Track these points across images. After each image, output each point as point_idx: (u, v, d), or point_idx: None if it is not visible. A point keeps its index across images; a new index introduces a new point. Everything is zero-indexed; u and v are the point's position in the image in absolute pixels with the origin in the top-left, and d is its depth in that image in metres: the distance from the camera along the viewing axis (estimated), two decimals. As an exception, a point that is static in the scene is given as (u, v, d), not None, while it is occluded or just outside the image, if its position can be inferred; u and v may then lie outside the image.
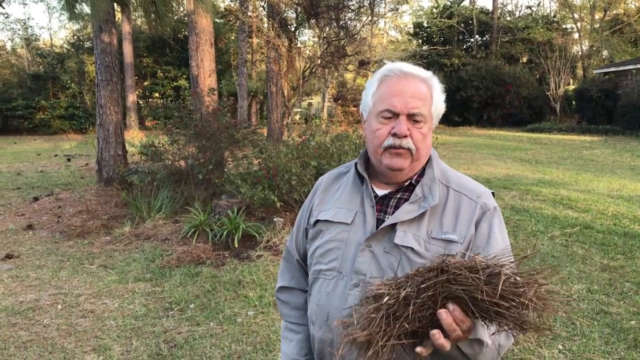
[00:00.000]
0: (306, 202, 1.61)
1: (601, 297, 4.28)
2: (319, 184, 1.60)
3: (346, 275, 1.35)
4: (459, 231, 1.32)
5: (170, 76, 25.41)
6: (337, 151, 6.25)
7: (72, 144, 19.05)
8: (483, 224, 1.34)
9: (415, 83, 1.36)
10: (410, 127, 1.34)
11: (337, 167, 1.66)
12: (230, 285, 4.72)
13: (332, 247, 1.41)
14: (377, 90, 1.40)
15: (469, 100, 24.90)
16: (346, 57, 12.22)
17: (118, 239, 6.24)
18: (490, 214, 1.36)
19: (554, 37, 25.91)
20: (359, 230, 1.38)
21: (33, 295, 4.56)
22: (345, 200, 1.45)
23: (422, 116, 1.35)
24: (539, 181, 9.48)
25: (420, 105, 1.34)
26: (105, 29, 8.78)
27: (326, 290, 1.38)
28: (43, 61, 27.46)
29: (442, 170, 1.44)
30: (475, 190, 1.40)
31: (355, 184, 1.47)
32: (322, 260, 1.43)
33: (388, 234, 1.33)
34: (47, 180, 10.73)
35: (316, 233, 1.47)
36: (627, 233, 5.98)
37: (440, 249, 1.29)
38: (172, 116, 7.91)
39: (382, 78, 1.40)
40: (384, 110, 1.35)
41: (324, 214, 1.47)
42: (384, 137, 1.35)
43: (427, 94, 1.37)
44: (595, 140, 17.40)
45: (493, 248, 1.30)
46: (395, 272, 1.30)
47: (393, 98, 1.34)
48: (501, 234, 1.36)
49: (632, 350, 3.43)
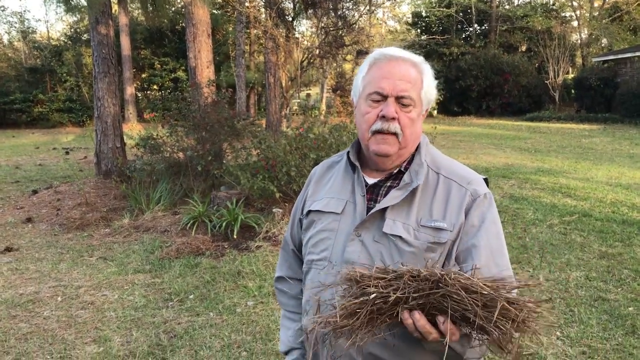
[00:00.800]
0: (301, 193, 1.61)
1: (599, 284, 4.30)
2: (312, 173, 1.60)
3: (336, 265, 1.35)
4: (448, 218, 1.30)
5: (168, 68, 25.28)
6: (335, 141, 6.25)
7: (70, 137, 19.02)
8: (474, 213, 1.32)
9: (405, 66, 1.35)
10: (398, 111, 1.32)
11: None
12: (230, 275, 4.73)
13: (324, 237, 1.41)
14: (367, 74, 1.39)
15: (468, 90, 24.85)
16: (344, 47, 12.17)
17: (117, 231, 6.25)
18: (481, 201, 1.33)
19: (552, 25, 25.79)
20: (349, 219, 1.37)
21: (33, 288, 4.58)
22: (337, 190, 1.45)
23: (411, 99, 1.33)
24: (537, 170, 9.49)
25: (409, 88, 1.32)
26: (102, 20, 8.74)
27: (318, 281, 1.39)
28: (40, 54, 27.32)
29: (432, 156, 1.42)
30: (466, 176, 1.38)
31: (347, 173, 1.46)
32: (314, 250, 1.43)
33: (377, 222, 1.33)
34: (45, 174, 10.72)
35: (309, 223, 1.48)
36: (626, 220, 5.99)
37: (429, 237, 1.28)
38: (170, 108, 7.89)
39: (372, 62, 1.39)
40: (372, 92, 1.34)
41: (316, 204, 1.47)
42: (372, 120, 1.34)
43: (417, 77, 1.35)
44: (594, 129, 17.38)
45: (483, 240, 1.28)
46: (383, 261, 1.29)
47: (382, 80, 1.33)
48: (494, 225, 1.33)
49: (630, 336, 3.44)
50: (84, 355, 3.40)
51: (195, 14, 8.39)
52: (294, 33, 12.28)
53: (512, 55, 26.03)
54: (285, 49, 11.63)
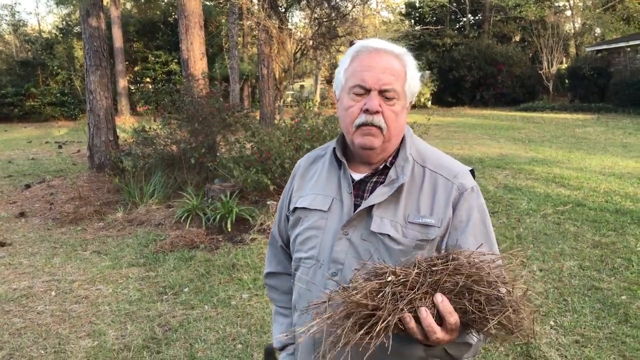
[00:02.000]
0: (286, 187, 1.58)
1: (592, 273, 4.32)
2: (297, 167, 1.57)
3: (324, 264, 1.33)
4: (436, 214, 1.28)
5: (161, 61, 25.12)
6: (330, 133, 6.23)
7: (63, 131, 18.91)
8: (461, 207, 1.30)
9: (388, 58, 1.31)
10: (382, 104, 1.29)
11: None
12: (225, 268, 4.73)
13: (310, 235, 1.39)
14: (349, 66, 1.35)
15: (462, 81, 24.81)
16: (337, 38, 12.12)
17: (111, 224, 6.23)
18: (468, 194, 1.31)
19: (546, 15, 25.75)
20: (336, 217, 1.35)
21: (26, 282, 4.56)
22: (322, 186, 1.42)
23: (395, 92, 1.30)
24: (531, 160, 9.51)
25: (392, 80, 1.29)
26: (93, 13, 8.67)
27: (306, 279, 1.38)
28: (31, 47, 27.08)
29: (417, 149, 1.39)
30: (452, 169, 1.35)
31: (332, 168, 1.43)
32: (302, 248, 1.41)
33: (364, 220, 1.31)
34: (38, 168, 10.66)
35: (296, 220, 1.45)
36: (619, 210, 6.02)
37: (417, 234, 1.27)
38: (163, 100, 7.84)
39: (354, 54, 1.35)
40: (355, 85, 1.31)
41: (302, 200, 1.44)
42: (355, 114, 1.31)
43: (400, 70, 1.32)
44: (588, 119, 17.42)
45: (470, 235, 1.28)
46: (372, 259, 1.26)
47: (364, 73, 1.30)
48: (482, 219, 1.32)
49: (623, 325, 3.47)
50: (78, 349, 3.40)
51: (187, 6, 8.33)
52: (287, 24, 12.22)
53: (505, 45, 25.97)
54: (279, 40, 11.58)
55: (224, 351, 3.32)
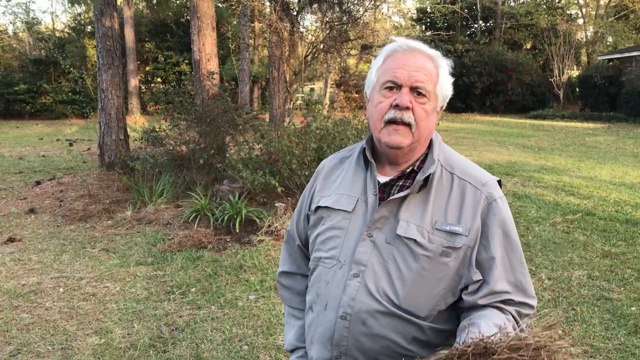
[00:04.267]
0: (308, 187, 1.57)
1: (602, 284, 4.29)
2: (320, 168, 1.56)
3: (345, 265, 1.32)
4: (463, 223, 1.28)
5: (172, 61, 25.26)
6: (339, 135, 6.23)
7: (74, 129, 19.03)
8: (490, 221, 1.29)
9: (422, 58, 1.32)
10: (412, 101, 1.29)
11: (337, 151, 1.62)
12: (232, 269, 4.73)
13: (333, 234, 1.37)
14: (382, 65, 1.35)
15: (472, 87, 24.75)
16: (349, 41, 12.12)
17: (120, 223, 6.25)
18: (496, 205, 1.31)
19: (558, 22, 25.65)
20: (360, 218, 1.34)
21: (35, 279, 4.58)
22: (347, 187, 1.41)
23: (426, 91, 1.30)
24: (541, 168, 9.46)
25: (424, 79, 1.29)
26: (107, 12, 8.73)
27: (325, 279, 1.36)
28: (45, 45, 27.31)
29: (445, 155, 1.38)
30: (480, 178, 1.34)
31: (358, 169, 1.42)
32: (322, 248, 1.40)
33: (390, 224, 1.30)
34: (49, 165, 10.73)
35: (317, 220, 1.44)
36: (629, 220, 5.97)
37: (444, 241, 1.26)
38: (173, 101, 7.88)
39: (388, 53, 1.36)
40: (386, 81, 1.31)
41: (325, 200, 1.43)
42: (385, 109, 1.30)
43: (433, 71, 1.33)
44: (599, 127, 17.32)
45: (499, 248, 1.28)
46: (396, 263, 1.27)
47: (397, 70, 1.30)
48: (510, 230, 1.31)
49: (632, 336, 3.43)
50: (85, 346, 3.41)
51: (199, 7, 8.37)
52: (298, 27, 12.23)
53: (516, 52, 25.91)
54: (290, 43, 11.59)
55: (230, 352, 3.32)
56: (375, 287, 1.27)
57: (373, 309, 1.26)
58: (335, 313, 1.31)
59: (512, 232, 1.32)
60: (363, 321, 1.26)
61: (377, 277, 1.27)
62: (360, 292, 1.28)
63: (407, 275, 1.26)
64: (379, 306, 1.26)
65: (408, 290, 1.25)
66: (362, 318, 1.27)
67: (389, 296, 1.26)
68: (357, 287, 1.28)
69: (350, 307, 1.28)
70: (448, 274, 1.26)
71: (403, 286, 1.26)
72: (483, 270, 1.27)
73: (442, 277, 1.26)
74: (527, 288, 1.30)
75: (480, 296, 1.25)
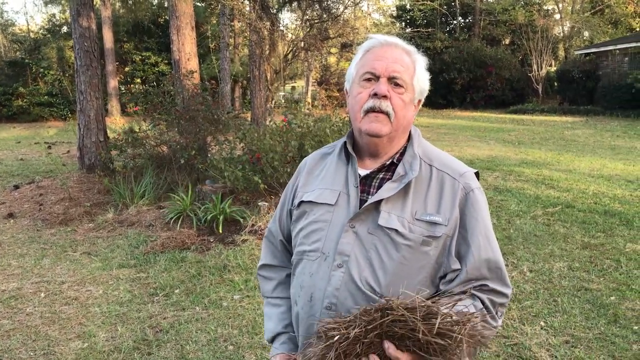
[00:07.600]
0: (290, 183, 1.60)
1: (582, 274, 4.36)
2: (303, 165, 1.59)
3: (329, 256, 1.34)
4: (442, 212, 1.32)
5: (151, 62, 25.03)
6: (319, 132, 6.24)
7: (52, 131, 18.75)
8: (469, 209, 1.34)
9: (399, 51, 1.38)
10: (390, 90, 1.34)
11: (318, 148, 1.65)
12: (216, 269, 4.71)
13: (316, 228, 1.40)
14: (361, 59, 1.41)
15: (452, 83, 24.93)
16: (329, 39, 12.14)
17: (101, 225, 6.19)
18: (474, 196, 1.35)
19: (535, 18, 25.94)
20: (343, 211, 1.37)
21: (15, 284, 4.52)
22: (329, 181, 1.44)
23: (404, 81, 1.35)
24: (521, 162, 9.57)
25: (401, 70, 1.35)
26: (83, 12, 8.61)
27: (310, 271, 1.38)
28: (20, 47, 26.86)
29: (424, 148, 1.43)
30: (458, 169, 1.40)
31: (340, 163, 1.46)
32: (305, 242, 1.42)
33: (372, 215, 1.33)
34: (27, 168, 10.56)
35: (300, 214, 1.47)
36: (607, 211, 6.07)
37: (424, 231, 1.30)
38: (153, 101, 7.80)
39: (367, 48, 1.41)
40: (365, 72, 1.36)
41: (309, 194, 1.46)
42: (364, 99, 1.35)
43: (410, 64, 1.38)
44: (577, 121, 17.56)
45: (479, 236, 1.32)
46: (378, 253, 1.30)
47: (375, 62, 1.35)
48: (485, 221, 1.35)
49: (612, 325, 3.50)
50: (68, 351, 3.37)
51: (178, 7, 8.31)
52: (278, 26, 12.20)
53: (495, 48, 26.15)
54: (270, 41, 11.56)
55: (215, 352, 3.31)
56: (359, 277, 1.30)
57: (357, 298, 1.29)
58: (320, 304, 1.34)
59: (488, 222, 1.36)
60: (348, 310, 1.29)
61: (360, 267, 1.31)
62: (344, 282, 1.31)
63: (389, 265, 1.29)
64: (362, 295, 1.29)
65: (390, 278, 1.29)
66: (347, 307, 1.29)
67: (371, 285, 1.29)
68: (342, 277, 1.31)
69: (335, 298, 1.31)
70: (429, 263, 1.30)
71: (385, 275, 1.29)
72: (460, 258, 1.32)
73: (423, 266, 1.30)
74: (502, 277, 1.35)
75: (457, 283, 1.30)
